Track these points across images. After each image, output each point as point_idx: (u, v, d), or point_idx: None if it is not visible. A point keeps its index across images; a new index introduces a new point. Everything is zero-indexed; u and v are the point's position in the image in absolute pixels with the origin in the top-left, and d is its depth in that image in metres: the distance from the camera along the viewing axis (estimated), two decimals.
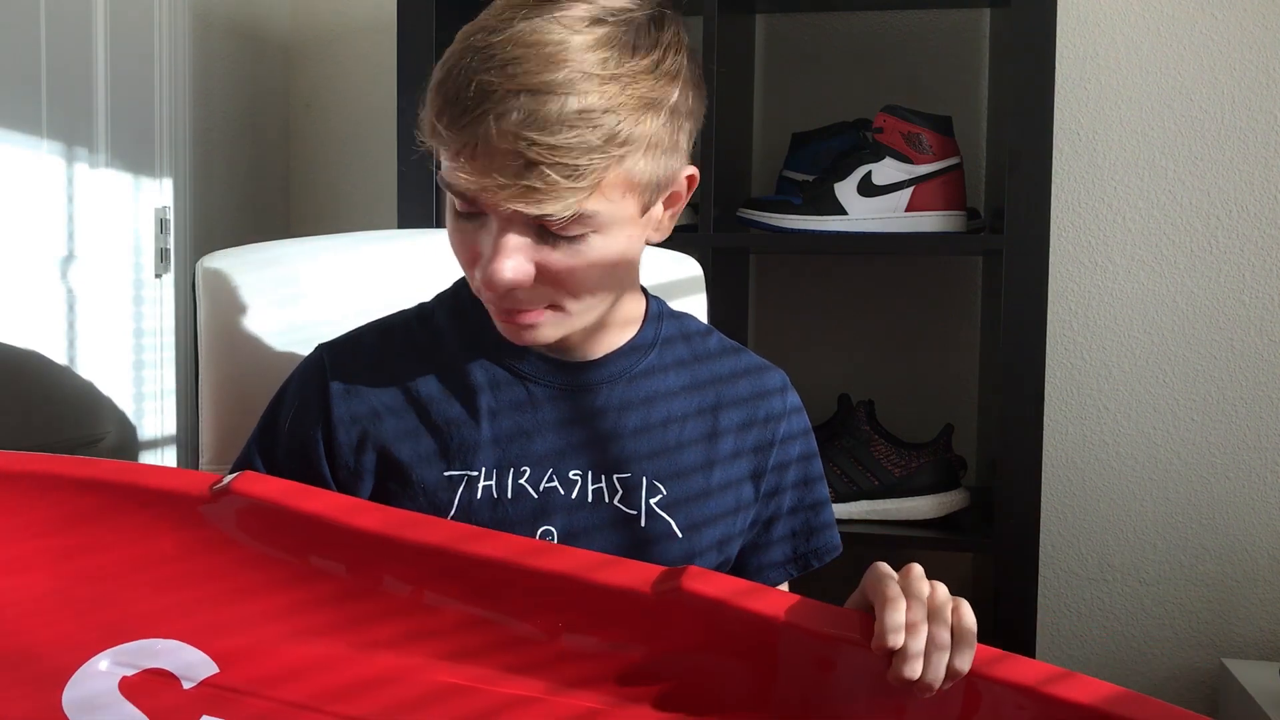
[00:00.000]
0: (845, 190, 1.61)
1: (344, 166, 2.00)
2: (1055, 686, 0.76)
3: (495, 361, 0.93)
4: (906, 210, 1.61)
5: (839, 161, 1.64)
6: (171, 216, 1.64)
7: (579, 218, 0.80)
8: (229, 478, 0.81)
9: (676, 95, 0.83)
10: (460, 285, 0.98)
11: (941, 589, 0.77)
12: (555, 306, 0.85)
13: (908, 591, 0.76)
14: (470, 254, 0.84)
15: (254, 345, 1.11)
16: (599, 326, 0.92)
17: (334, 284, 1.16)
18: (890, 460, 1.63)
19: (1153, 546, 1.82)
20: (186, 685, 0.78)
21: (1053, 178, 1.54)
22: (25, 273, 1.38)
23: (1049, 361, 1.61)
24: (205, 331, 1.12)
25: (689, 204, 1.68)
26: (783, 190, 1.73)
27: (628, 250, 0.86)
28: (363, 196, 1.98)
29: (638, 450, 0.92)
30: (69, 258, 1.45)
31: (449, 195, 0.83)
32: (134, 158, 1.57)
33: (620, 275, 0.88)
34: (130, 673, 0.78)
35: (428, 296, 1.00)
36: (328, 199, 2.01)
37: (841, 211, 1.61)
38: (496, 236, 0.81)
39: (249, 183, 1.90)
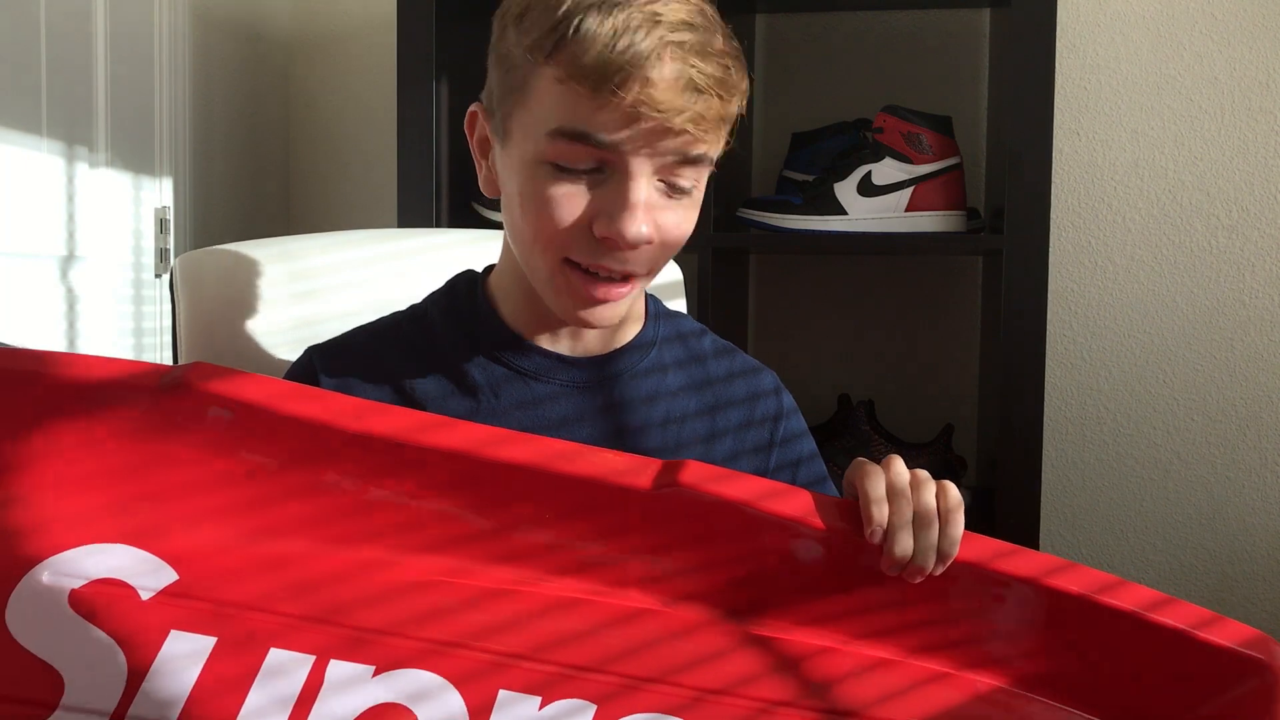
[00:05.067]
0: (845, 190, 1.61)
1: (344, 166, 2.00)
2: (1057, 578, 0.77)
3: (495, 360, 0.91)
4: (906, 210, 1.61)
5: (839, 161, 1.64)
6: (171, 216, 1.64)
7: (706, 161, 0.83)
8: (182, 367, 0.72)
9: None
10: (455, 284, 0.96)
11: (923, 474, 0.78)
12: (646, 274, 0.86)
13: (890, 481, 0.77)
14: (574, 216, 0.82)
15: (234, 346, 1.08)
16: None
17: (318, 284, 1.14)
18: None
19: (1153, 546, 1.82)
20: (145, 596, 0.68)
21: (1053, 178, 1.54)
22: (25, 273, 1.38)
23: (1049, 361, 1.61)
24: (184, 331, 1.08)
25: None
26: (783, 190, 1.73)
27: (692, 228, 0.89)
28: (363, 196, 1.98)
29: (638, 448, 0.92)
30: (69, 258, 1.45)
31: (546, 155, 0.81)
32: (134, 158, 1.57)
33: None
34: (78, 584, 0.68)
35: (418, 296, 0.98)
36: (328, 199, 2.01)
37: (841, 211, 1.61)
38: (630, 185, 0.81)
39: (249, 183, 1.90)
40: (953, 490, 0.78)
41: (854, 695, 0.75)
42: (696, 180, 0.84)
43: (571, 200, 0.81)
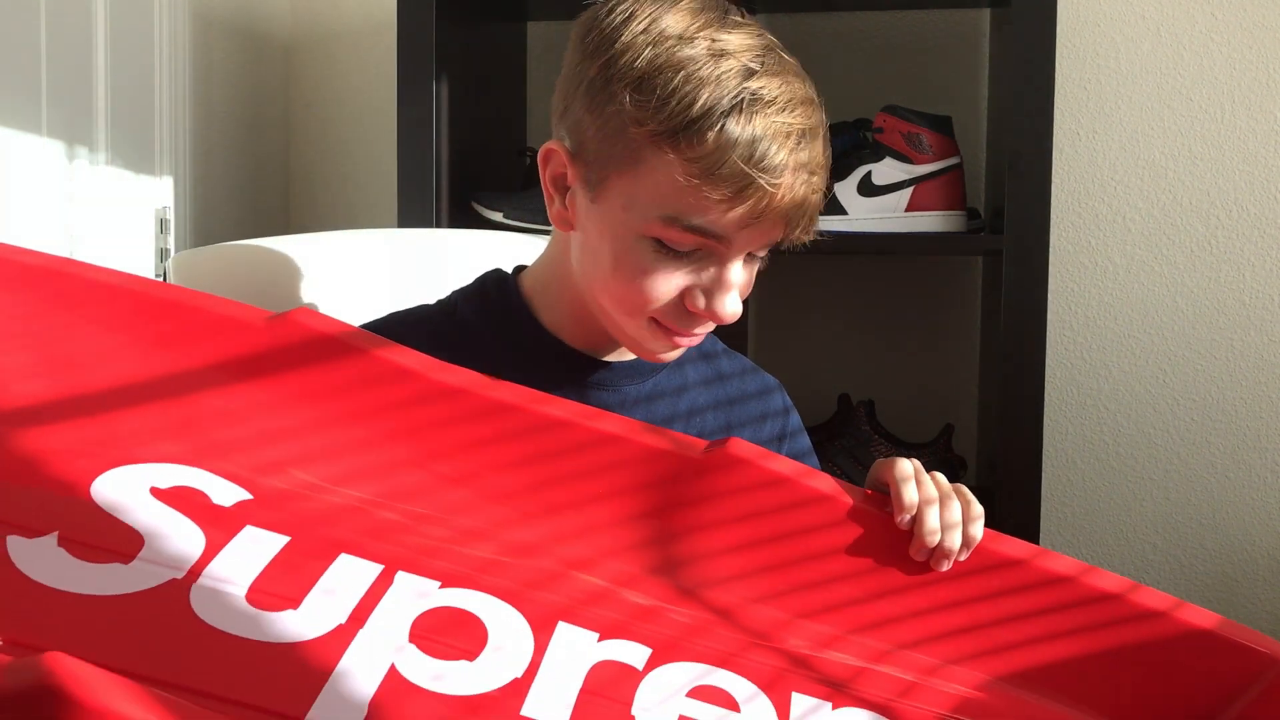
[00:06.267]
0: (845, 190, 1.61)
1: (344, 166, 2.00)
2: (1087, 576, 0.80)
3: (530, 359, 0.92)
4: (906, 210, 1.61)
5: (839, 161, 1.64)
6: (171, 216, 1.64)
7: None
8: (289, 311, 0.77)
9: None
10: (485, 283, 0.96)
11: (941, 475, 0.83)
12: None
13: (916, 467, 0.82)
14: (671, 293, 0.84)
15: None
16: None
17: (316, 283, 1.14)
18: None
19: (1153, 546, 1.81)
20: (219, 503, 0.73)
21: (1053, 178, 1.54)
22: None
23: (1049, 361, 1.61)
24: None
25: None
26: None
27: None
28: (363, 196, 1.98)
29: None
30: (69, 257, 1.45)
31: (652, 232, 0.82)
32: (134, 157, 1.57)
33: None
34: (162, 485, 0.72)
35: (417, 296, 0.98)
36: (328, 199, 2.01)
37: (841, 211, 1.61)
38: (729, 269, 0.84)
39: (249, 182, 1.90)
40: (970, 493, 0.82)
41: (894, 688, 0.77)
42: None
43: (670, 279, 0.83)
